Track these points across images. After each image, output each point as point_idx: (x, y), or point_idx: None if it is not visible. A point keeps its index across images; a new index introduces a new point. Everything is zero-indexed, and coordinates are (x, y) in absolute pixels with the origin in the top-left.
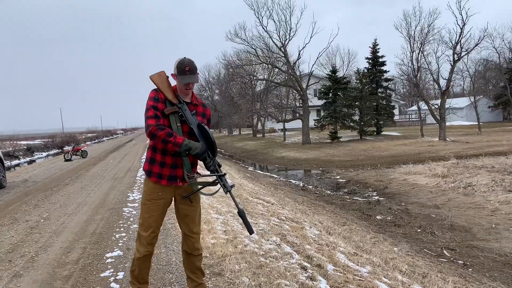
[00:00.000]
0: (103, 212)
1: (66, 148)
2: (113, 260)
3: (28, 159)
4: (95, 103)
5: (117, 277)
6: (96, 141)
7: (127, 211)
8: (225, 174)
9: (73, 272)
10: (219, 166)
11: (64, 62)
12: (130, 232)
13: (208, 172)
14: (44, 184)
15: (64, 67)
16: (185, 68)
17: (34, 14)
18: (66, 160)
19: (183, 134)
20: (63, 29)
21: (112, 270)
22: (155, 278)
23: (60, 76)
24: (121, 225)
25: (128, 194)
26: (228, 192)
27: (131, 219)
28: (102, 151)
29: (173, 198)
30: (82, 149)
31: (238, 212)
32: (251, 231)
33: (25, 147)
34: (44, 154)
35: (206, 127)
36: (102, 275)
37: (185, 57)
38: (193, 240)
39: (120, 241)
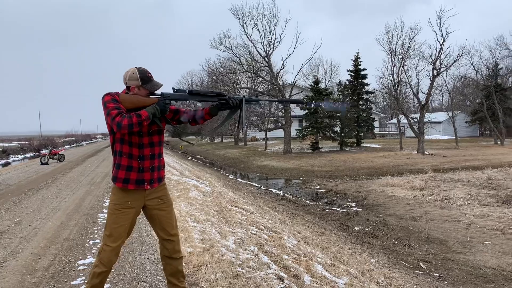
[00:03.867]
0: (77, 218)
1: (43, 151)
2: (85, 267)
3: (3, 161)
4: (75, 106)
5: None
6: (75, 145)
7: (103, 217)
8: (244, 96)
9: (43, 279)
10: (237, 94)
11: (43, 63)
12: None
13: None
14: (17, 187)
15: (43, 68)
16: (149, 75)
17: (11, 13)
18: (42, 164)
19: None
20: (43, 29)
21: (83, 278)
22: (128, 287)
23: (39, 78)
24: (96, 231)
25: (105, 200)
26: (259, 101)
27: None
28: (80, 155)
29: (142, 207)
30: (60, 152)
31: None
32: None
33: (0, 149)
34: (20, 157)
35: (195, 91)
36: (73, 283)
37: (136, 67)
38: (173, 243)
39: (93, 248)
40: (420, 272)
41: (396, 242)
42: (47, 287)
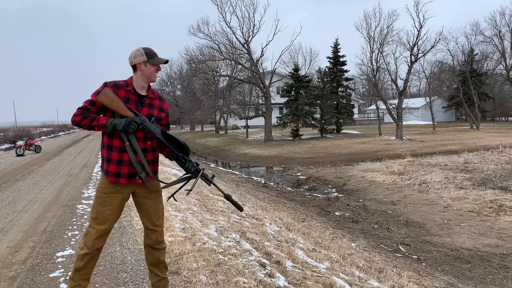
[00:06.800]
0: (55, 209)
1: (19, 142)
2: (64, 259)
3: None
4: (52, 96)
5: (67, 277)
6: (52, 135)
7: (81, 208)
8: (203, 169)
9: (20, 273)
10: (197, 164)
11: (18, 52)
12: (84, 229)
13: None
14: None
15: (18, 57)
16: (153, 52)
17: None
18: (18, 155)
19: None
20: (16, 17)
21: (62, 270)
22: (109, 277)
23: (13, 67)
24: (74, 222)
25: (83, 191)
26: (211, 184)
27: (85, 216)
28: (57, 146)
29: (132, 193)
30: (36, 143)
31: (225, 197)
32: (240, 209)
33: None
34: None
35: (170, 133)
36: (51, 275)
37: (141, 47)
38: (157, 234)
39: (72, 239)
40: (400, 255)
41: (375, 226)
42: (25, 280)
